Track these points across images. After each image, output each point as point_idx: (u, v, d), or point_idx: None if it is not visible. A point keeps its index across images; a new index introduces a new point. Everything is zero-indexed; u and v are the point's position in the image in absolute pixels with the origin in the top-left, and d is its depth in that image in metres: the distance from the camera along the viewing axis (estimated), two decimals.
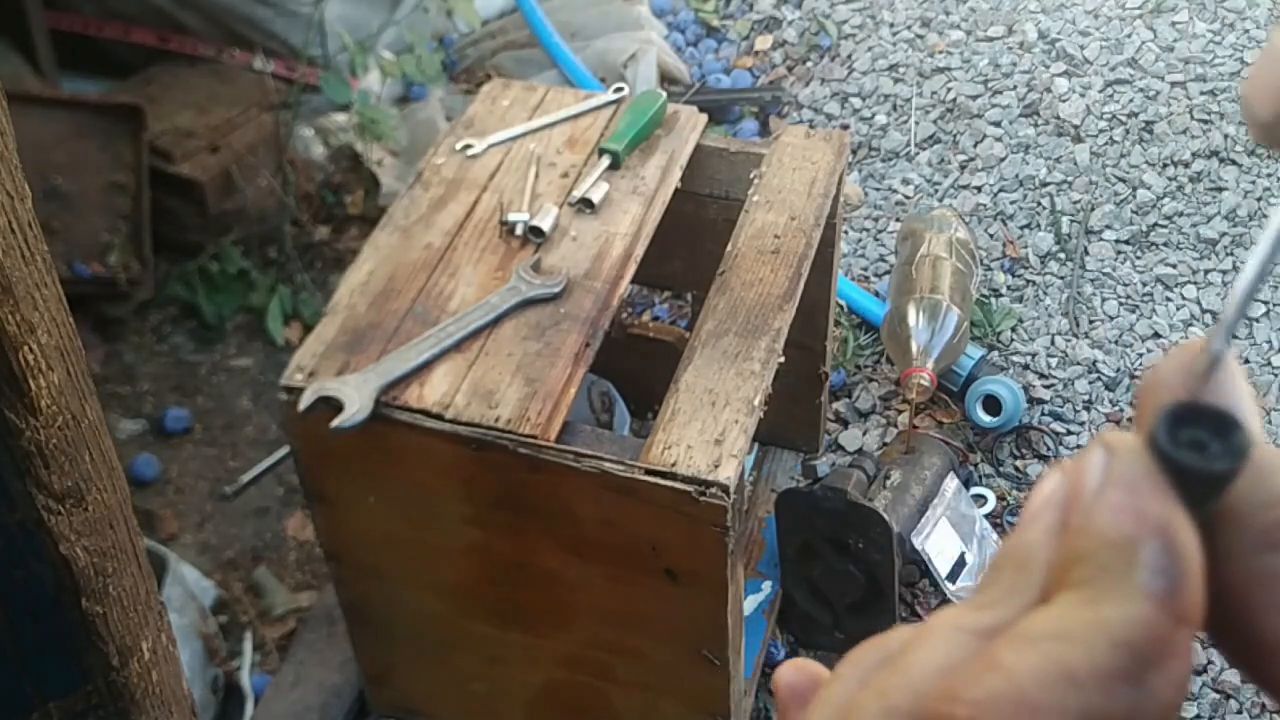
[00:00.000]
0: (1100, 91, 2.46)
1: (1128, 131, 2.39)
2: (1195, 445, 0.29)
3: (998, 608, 0.29)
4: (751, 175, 1.54)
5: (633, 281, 1.45)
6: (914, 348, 1.87)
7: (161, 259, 2.31)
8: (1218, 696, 1.70)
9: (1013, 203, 2.30)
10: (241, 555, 1.96)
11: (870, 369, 2.09)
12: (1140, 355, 2.07)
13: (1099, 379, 2.04)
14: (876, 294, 2.17)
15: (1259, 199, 2.27)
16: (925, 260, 1.98)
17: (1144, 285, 2.17)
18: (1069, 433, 1.98)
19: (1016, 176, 2.34)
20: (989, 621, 0.29)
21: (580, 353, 1.32)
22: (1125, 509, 0.28)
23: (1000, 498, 1.91)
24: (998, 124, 2.43)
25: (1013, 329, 2.11)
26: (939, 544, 1.74)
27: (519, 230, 1.44)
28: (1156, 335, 2.11)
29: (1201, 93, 2.43)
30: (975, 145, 2.40)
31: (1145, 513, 0.28)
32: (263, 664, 1.80)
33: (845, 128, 2.50)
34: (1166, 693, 0.27)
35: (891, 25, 2.68)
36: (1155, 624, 0.27)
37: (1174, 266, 2.19)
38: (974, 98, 2.48)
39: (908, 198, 2.35)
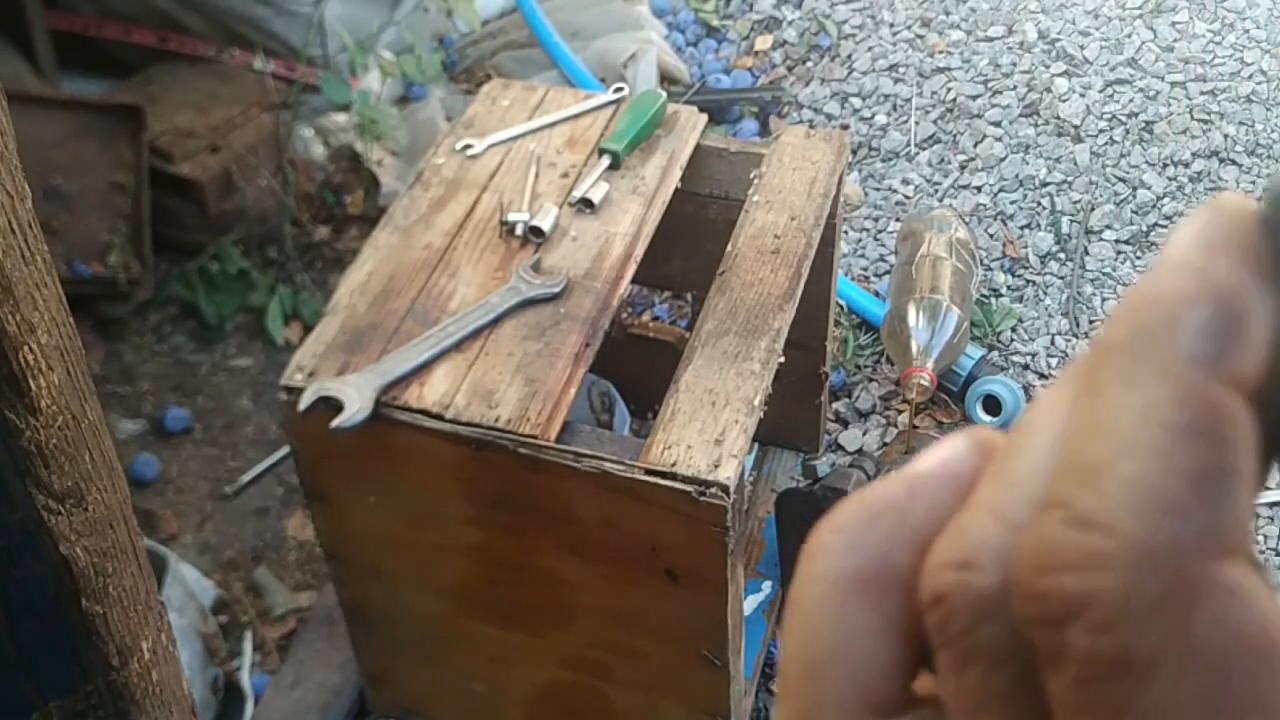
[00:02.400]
0: (1100, 91, 2.46)
1: (1128, 131, 2.39)
2: None
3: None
4: (751, 175, 1.54)
5: (633, 281, 1.45)
6: (914, 348, 1.87)
7: (161, 259, 2.31)
8: None
9: (1013, 203, 2.30)
10: (241, 555, 1.96)
11: (870, 369, 2.09)
12: None
13: None
14: (876, 294, 2.17)
15: (1259, 199, 2.27)
16: (925, 260, 1.98)
17: None
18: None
19: (1016, 176, 2.34)
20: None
21: (580, 353, 1.32)
22: (1189, 268, 0.23)
23: None
24: (998, 124, 2.43)
25: (1013, 329, 2.11)
26: None
27: (519, 230, 1.44)
28: None
29: (1201, 93, 2.43)
30: (975, 145, 2.40)
31: (1210, 274, 0.23)
32: (263, 664, 1.80)
33: (845, 128, 2.50)
34: (1240, 476, 0.22)
35: (891, 25, 2.68)
36: (1202, 396, 0.22)
37: None
38: (974, 98, 2.48)
39: (908, 198, 2.35)
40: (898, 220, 2.30)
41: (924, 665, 0.25)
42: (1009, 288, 2.18)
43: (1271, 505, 1.87)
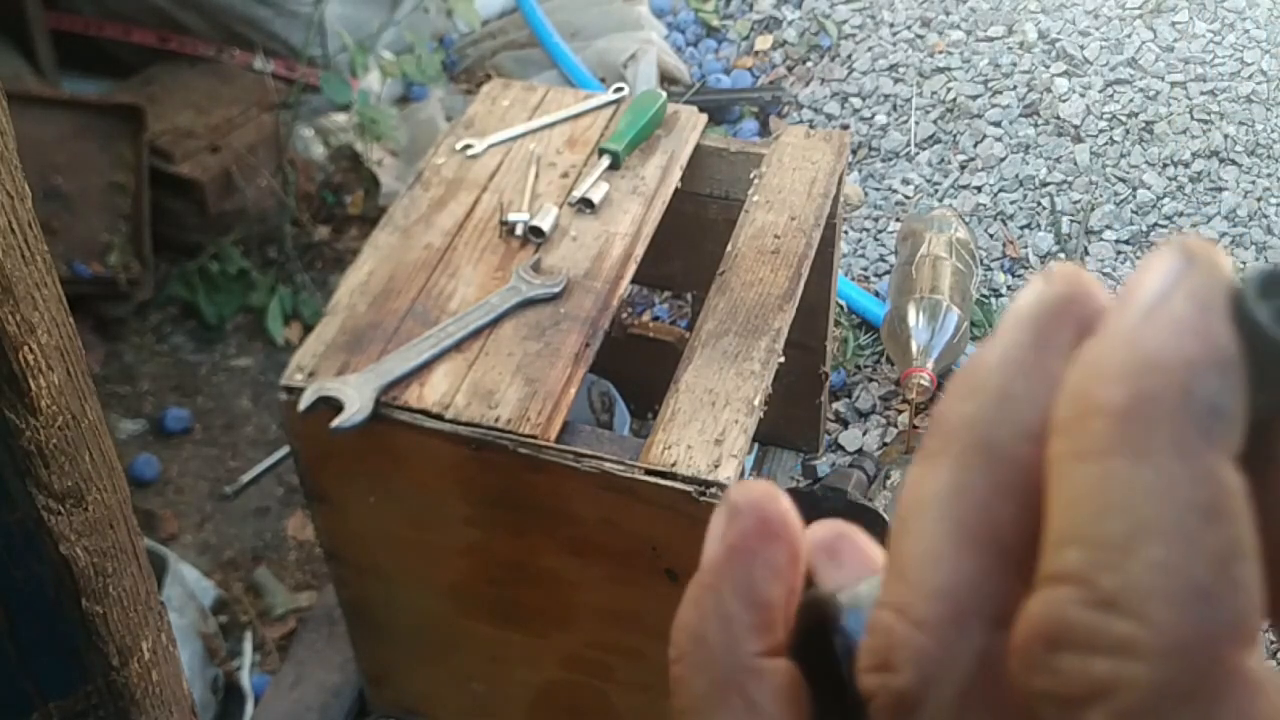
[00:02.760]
0: (1100, 91, 2.46)
1: (1128, 131, 2.39)
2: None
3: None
4: (751, 175, 1.54)
5: (633, 281, 1.45)
6: (914, 348, 1.87)
7: (161, 259, 2.31)
8: None
9: (1013, 203, 2.30)
10: (241, 555, 1.96)
11: (870, 369, 2.09)
12: None
13: None
14: (876, 294, 2.17)
15: (1259, 199, 2.27)
16: (925, 260, 1.98)
17: None
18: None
19: (1016, 176, 2.34)
20: None
21: (580, 353, 1.32)
22: (1189, 328, 0.22)
23: None
24: (998, 124, 2.43)
25: None
26: None
27: (519, 230, 1.44)
28: None
29: (1201, 93, 2.43)
30: (975, 145, 2.40)
31: (1215, 337, 0.21)
32: (263, 664, 1.80)
33: (845, 128, 2.50)
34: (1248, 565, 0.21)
35: (891, 25, 2.68)
36: (1218, 477, 0.21)
37: None
38: (974, 98, 2.48)
39: (908, 198, 2.35)
40: (898, 220, 2.30)
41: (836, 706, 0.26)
42: (1009, 288, 2.18)
43: None
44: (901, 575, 0.24)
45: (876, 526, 1.62)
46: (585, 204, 1.47)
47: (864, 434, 2.01)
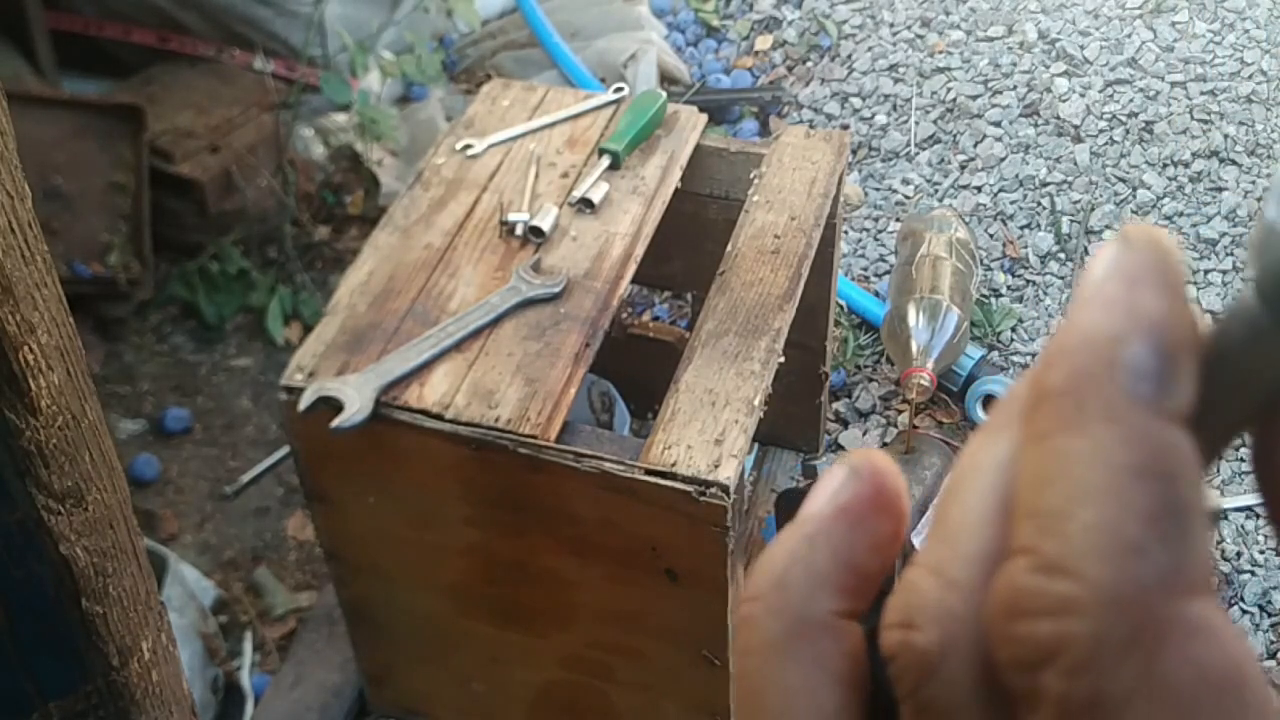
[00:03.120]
0: (1100, 91, 2.46)
1: (1128, 131, 2.39)
2: None
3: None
4: (751, 175, 1.54)
5: (633, 281, 1.45)
6: (914, 348, 1.87)
7: (161, 259, 2.31)
8: None
9: (1013, 203, 2.30)
10: (241, 555, 1.96)
11: (870, 369, 2.09)
12: None
13: None
14: (876, 294, 2.17)
15: (1259, 199, 2.27)
16: (925, 260, 1.98)
17: None
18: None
19: (1016, 176, 2.34)
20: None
21: (580, 353, 1.32)
22: (1117, 303, 0.23)
23: None
24: (998, 124, 2.43)
25: (1013, 329, 2.11)
26: None
27: (519, 230, 1.44)
28: None
29: (1201, 93, 2.43)
30: (975, 145, 2.40)
31: (1140, 307, 0.23)
32: (263, 664, 1.80)
33: (845, 128, 2.50)
34: (1196, 514, 0.22)
35: (891, 25, 2.68)
36: (1149, 436, 0.22)
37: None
38: (974, 98, 2.48)
39: (908, 198, 2.35)
40: (898, 220, 2.30)
41: (877, 700, 0.26)
42: (1009, 288, 2.18)
43: (1245, 509, 1.87)
44: (942, 538, 0.25)
45: None
46: (585, 204, 1.47)
47: (864, 434, 2.01)
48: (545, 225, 1.43)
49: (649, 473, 1.22)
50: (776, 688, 0.26)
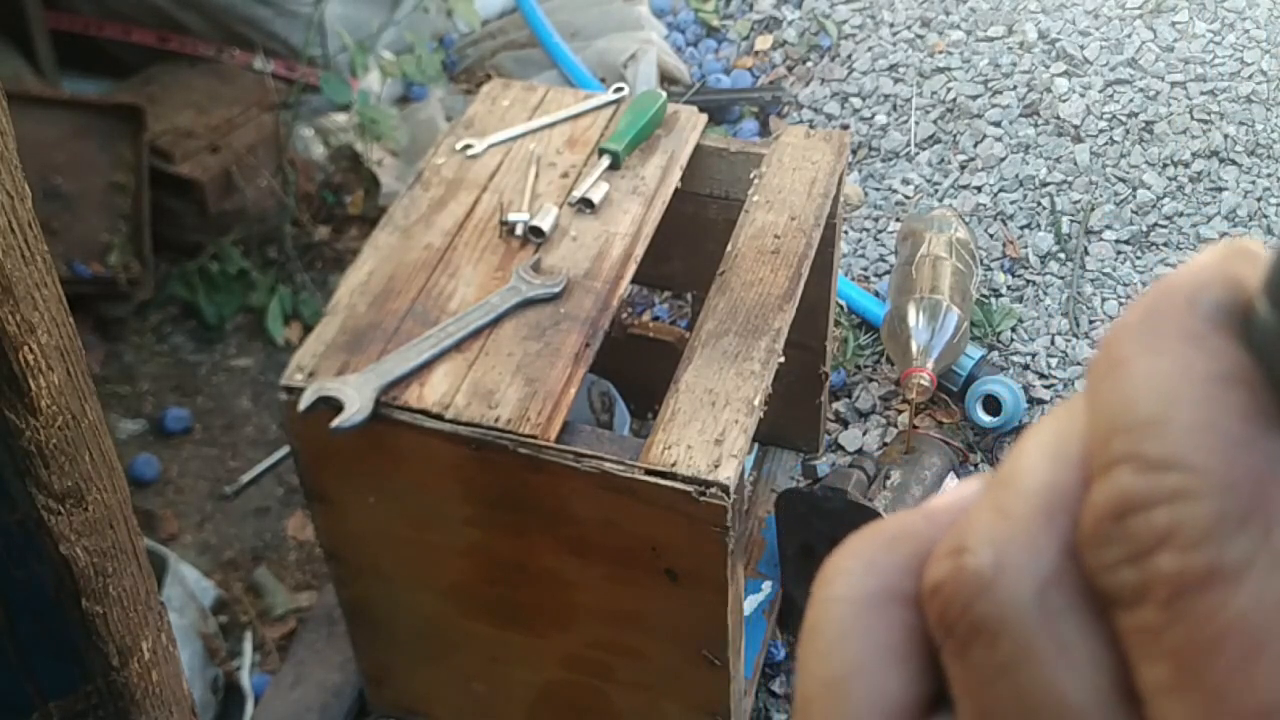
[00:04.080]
0: (1100, 91, 2.46)
1: (1128, 131, 2.39)
2: None
3: None
4: (751, 175, 1.54)
5: (633, 281, 1.45)
6: (914, 348, 1.87)
7: (161, 259, 2.31)
8: None
9: (1013, 203, 2.30)
10: (241, 555, 1.96)
11: (870, 369, 2.09)
12: None
13: None
14: (876, 294, 2.17)
15: (1259, 199, 2.27)
16: (925, 260, 1.98)
17: (1144, 285, 2.17)
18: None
19: (1016, 176, 2.34)
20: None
21: (580, 353, 1.32)
22: (1206, 264, 0.24)
23: None
24: (998, 124, 2.43)
25: (1013, 329, 2.11)
26: None
27: (519, 230, 1.44)
28: None
29: (1201, 93, 2.43)
30: (975, 145, 2.40)
31: (1224, 267, 0.24)
32: (263, 664, 1.80)
33: (845, 128, 2.50)
34: None
35: (891, 25, 2.68)
36: (1230, 352, 0.23)
37: (1174, 266, 2.19)
38: (974, 98, 2.48)
39: (908, 198, 2.35)
40: (898, 220, 2.30)
41: (938, 694, 0.26)
42: (1009, 288, 2.18)
43: None
44: (997, 484, 0.25)
45: None
46: (585, 204, 1.47)
47: (864, 434, 2.01)
48: (545, 225, 1.43)
49: (649, 473, 1.22)
50: (860, 640, 0.26)
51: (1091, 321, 2.12)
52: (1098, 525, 0.23)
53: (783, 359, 1.34)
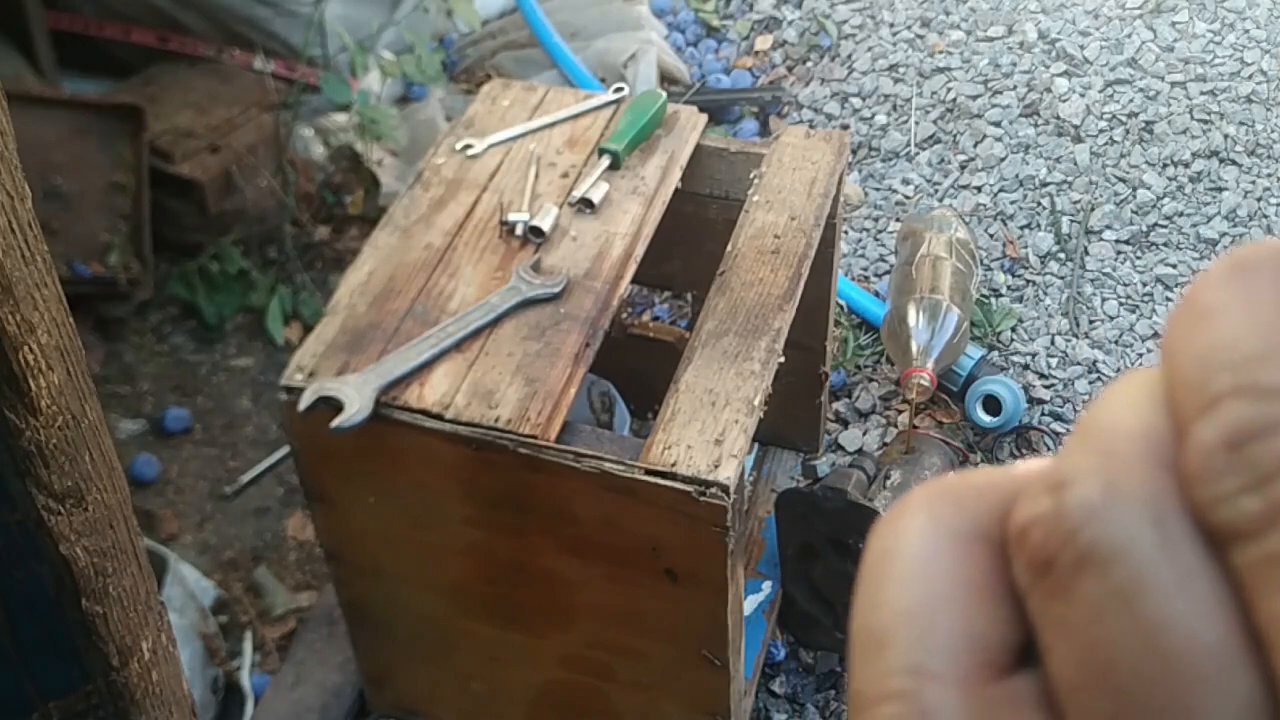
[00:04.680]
0: (1100, 91, 2.46)
1: (1128, 131, 2.39)
2: None
3: None
4: (751, 175, 1.54)
5: (633, 281, 1.45)
6: (914, 348, 1.87)
7: (161, 259, 2.31)
8: None
9: (1013, 203, 2.30)
10: (241, 555, 1.96)
11: (870, 369, 2.09)
12: (1140, 355, 2.07)
13: (1099, 379, 2.04)
14: (876, 294, 2.17)
15: (1259, 199, 2.27)
16: (925, 260, 1.98)
17: (1144, 285, 2.17)
18: (1069, 433, 1.98)
19: (1016, 176, 2.34)
20: None
21: (580, 353, 1.32)
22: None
23: None
24: (998, 124, 2.43)
25: (1013, 329, 2.11)
26: None
27: (519, 230, 1.44)
28: (1156, 335, 2.11)
29: (1201, 93, 2.43)
30: (975, 145, 2.40)
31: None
32: (263, 664, 1.80)
33: (845, 128, 2.50)
34: None
35: (891, 25, 2.68)
36: None
37: (1174, 266, 2.19)
38: (974, 98, 2.48)
39: (908, 198, 2.35)
40: (898, 220, 2.30)
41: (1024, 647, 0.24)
42: (1009, 288, 2.18)
43: None
44: (1088, 430, 0.24)
45: None
46: (585, 204, 1.47)
47: (864, 434, 2.01)
48: (545, 225, 1.43)
49: (649, 473, 1.22)
50: (950, 571, 0.24)
51: (1091, 321, 2.12)
52: (1209, 459, 0.22)
53: (783, 359, 1.34)
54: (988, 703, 0.23)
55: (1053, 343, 2.10)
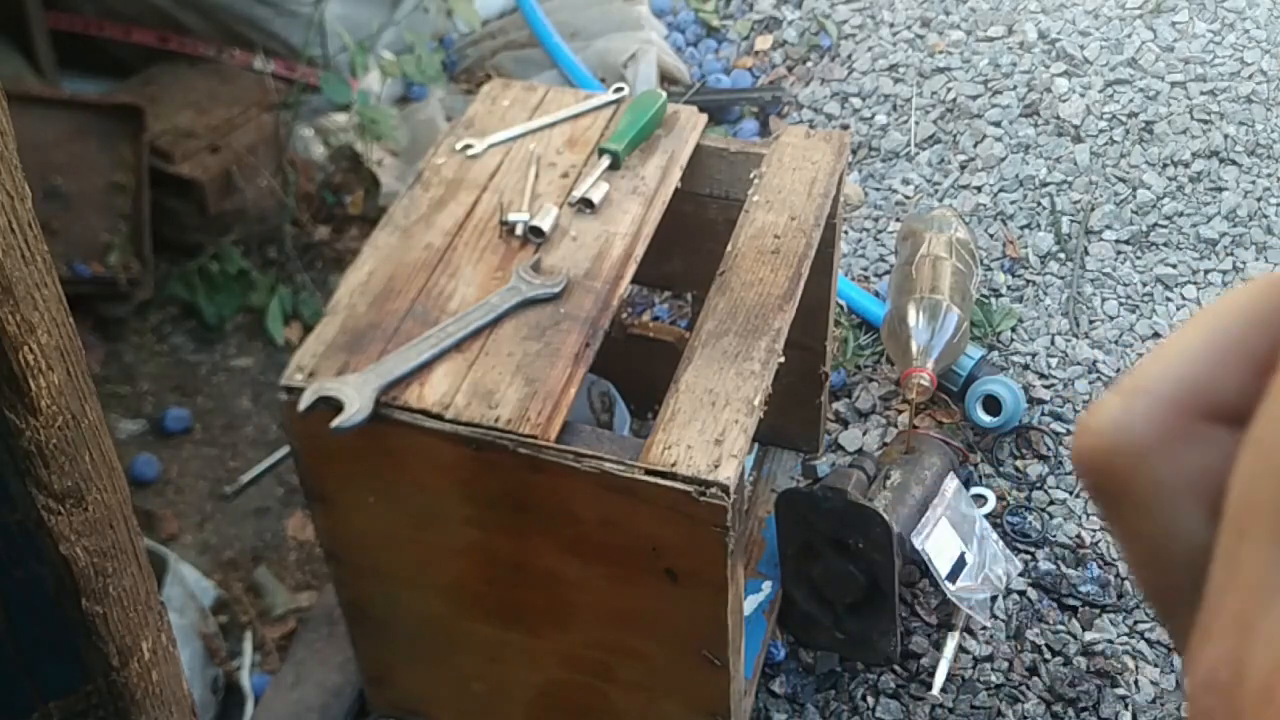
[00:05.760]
0: (1100, 91, 2.46)
1: (1128, 131, 2.39)
2: None
3: None
4: (751, 175, 1.54)
5: (633, 281, 1.45)
6: (914, 348, 1.87)
7: (161, 259, 2.31)
8: None
9: (1013, 203, 2.30)
10: (241, 555, 1.96)
11: (870, 369, 2.09)
12: (1140, 355, 2.07)
13: (1099, 379, 2.04)
14: (876, 294, 2.17)
15: (1259, 199, 2.27)
16: (925, 260, 1.98)
17: (1144, 285, 2.17)
18: (1069, 433, 1.98)
19: (1016, 176, 2.34)
20: None
21: (580, 353, 1.32)
22: None
23: (1000, 498, 1.91)
24: (998, 124, 2.43)
25: (1013, 329, 2.11)
26: (939, 544, 1.74)
27: (519, 230, 1.44)
28: (1156, 335, 2.11)
29: (1201, 93, 2.43)
30: (975, 145, 2.40)
31: None
32: (263, 664, 1.80)
33: (845, 128, 2.50)
34: None
35: (891, 25, 2.68)
36: None
37: (1174, 266, 2.19)
38: (974, 98, 2.48)
39: (908, 198, 2.35)
40: (898, 220, 2.30)
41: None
42: (1009, 288, 2.18)
43: None
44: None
45: (876, 527, 1.62)
46: (585, 204, 1.47)
47: (864, 434, 2.01)
48: (545, 225, 1.43)
49: (649, 473, 1.21)
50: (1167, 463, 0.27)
51: (1091, 321, 2.12)
52: None
53: (783, 359, 1.34)
54: (1182, 431, 0.27)
55: (1053, 343, 2.10)
